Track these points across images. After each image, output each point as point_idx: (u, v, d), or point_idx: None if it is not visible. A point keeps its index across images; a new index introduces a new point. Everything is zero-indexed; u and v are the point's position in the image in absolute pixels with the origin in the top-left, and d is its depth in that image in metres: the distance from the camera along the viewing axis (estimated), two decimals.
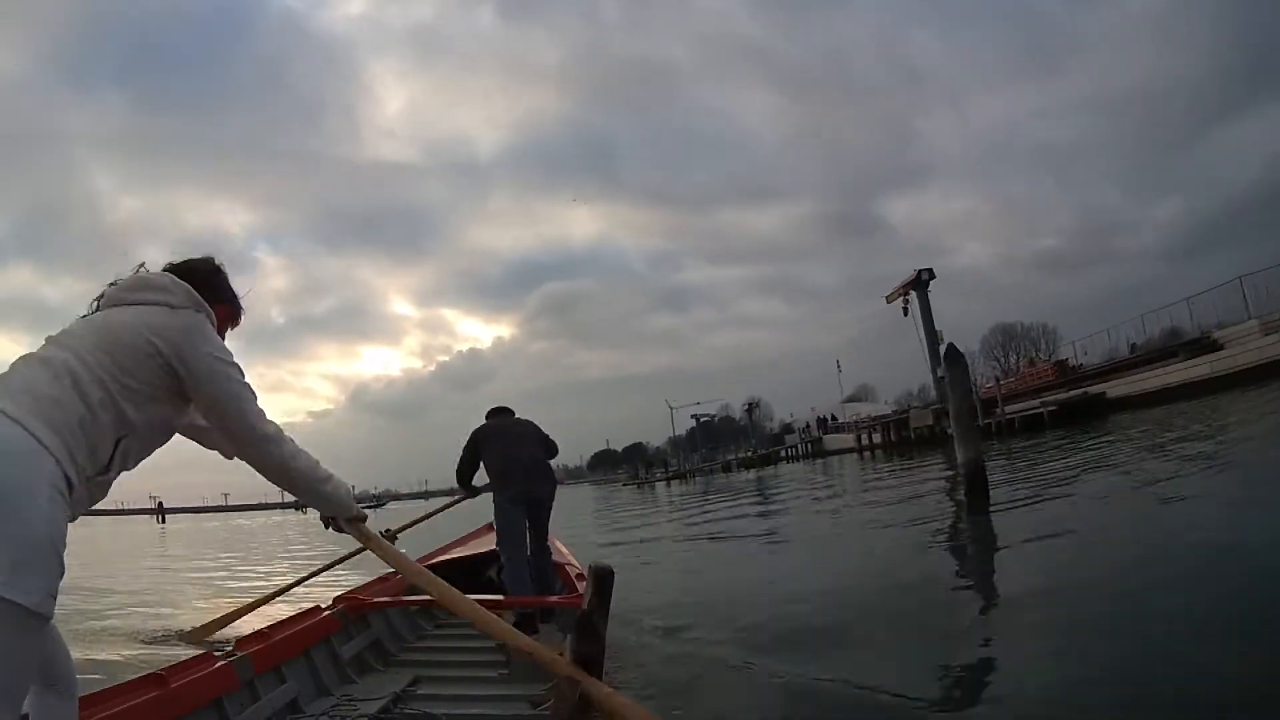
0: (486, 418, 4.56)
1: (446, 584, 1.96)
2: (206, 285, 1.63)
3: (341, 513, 1.82)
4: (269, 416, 1.61)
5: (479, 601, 4.49)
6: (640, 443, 75.03)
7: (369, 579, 4.40)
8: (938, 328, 36.67)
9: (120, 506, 49.21)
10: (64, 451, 1.26)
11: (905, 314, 37.64)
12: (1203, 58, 71.93)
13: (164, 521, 36.96)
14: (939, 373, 37.18)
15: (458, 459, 4.46)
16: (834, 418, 48.02)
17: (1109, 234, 72.29)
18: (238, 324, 1.78)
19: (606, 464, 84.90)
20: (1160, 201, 78.84)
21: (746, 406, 57.79)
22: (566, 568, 4.51)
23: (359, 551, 4.80)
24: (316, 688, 2.79)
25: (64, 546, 1.23)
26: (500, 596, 4.16)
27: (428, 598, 4.13)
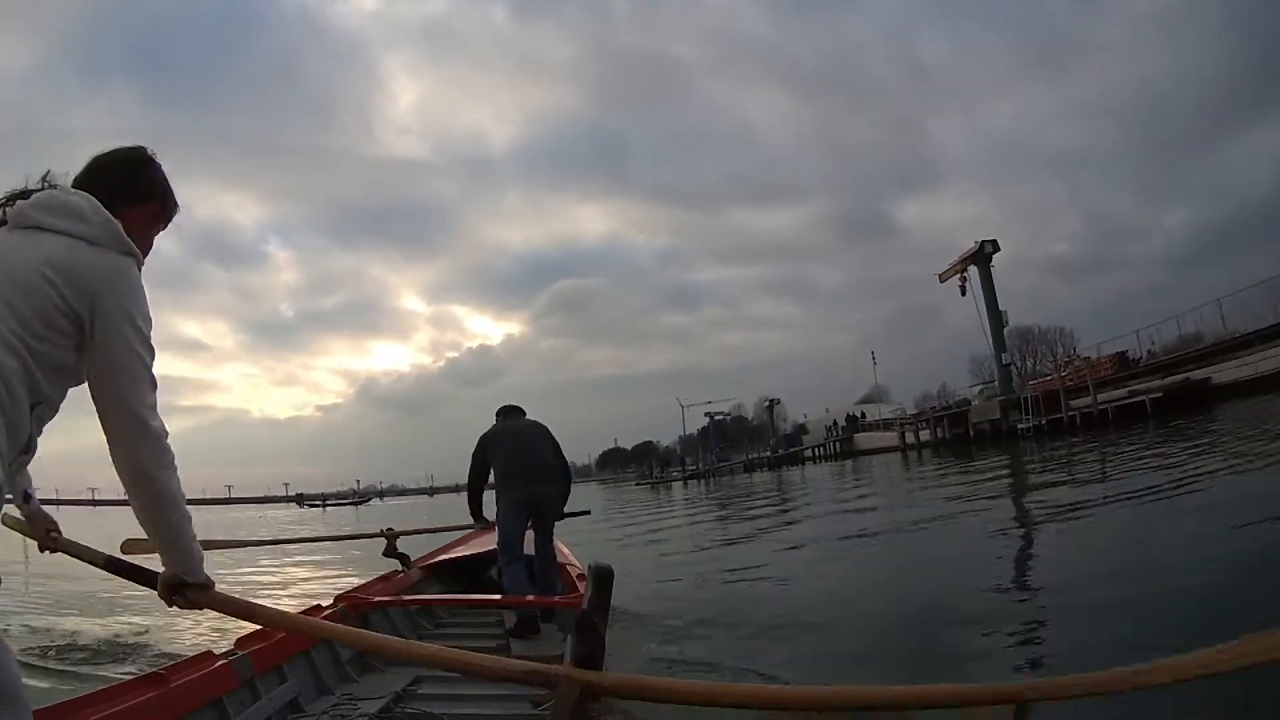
0: (497, 417, 4.52)
1: (380, 636, 1.94)
2: (131, 179, 1.40)
3: (186, 570, 1.41)
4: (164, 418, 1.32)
5: (478, 601, 4.48)
6: (650, 441, 74.54)
7: (369, 579, 4.40)
8: (1001, 308, 32.76)
9: (94, 496, 49.17)
10: None
11: (963, 293, 33.89)
12: (1213, 63, 71.54)
13: None
14: (1004, 358, 33.43)
15: (468, 468, 4.43)
16: (863, 415, 45.37)
17: (1119, 240, 72.26)
18: (166, 224, 1.50)
19: (615, 462, 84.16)
20: (1171, 208, 78.75)
21: (767, 404, 56.24)
22: (567, 568, 4.51)
23: (369, 535, 4.77)
24: (317, 687, 2.79)
25: None
26: (499, 596, 4.16)
27: (428, 598, 4.17)
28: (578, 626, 1.66)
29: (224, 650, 2.48)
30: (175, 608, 1.46)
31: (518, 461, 4.26)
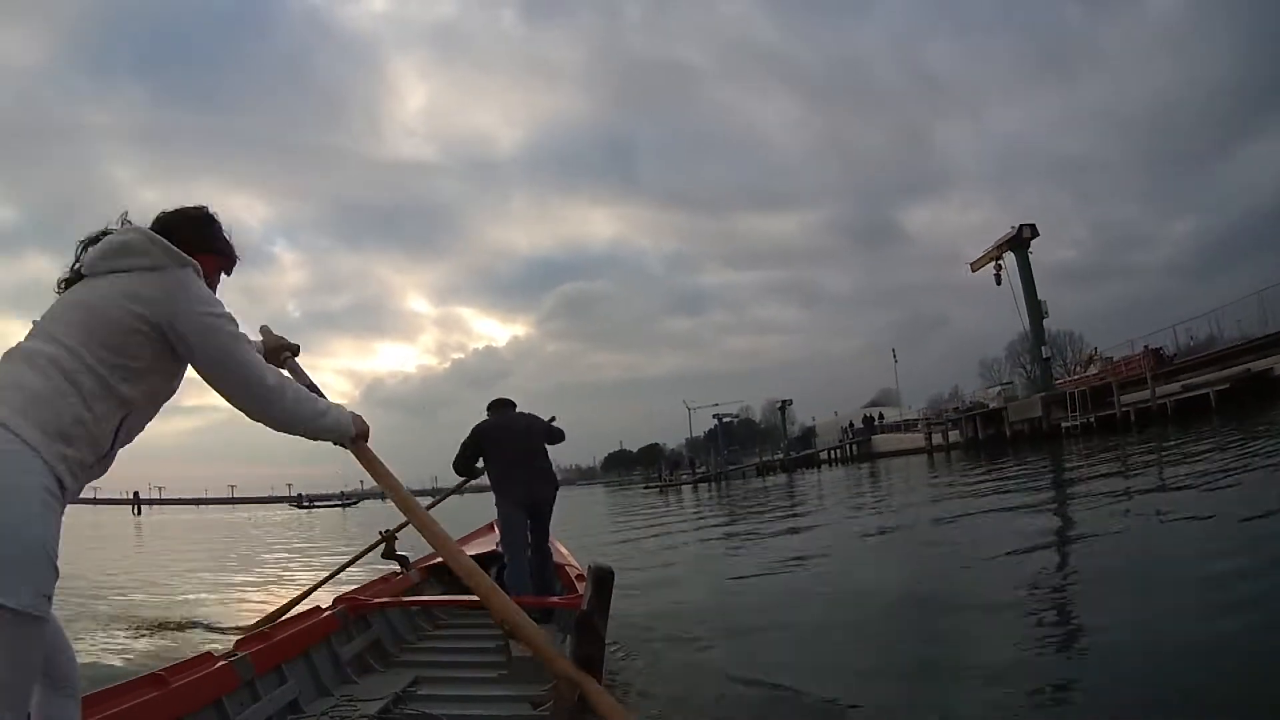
0: (488, 411, 4.53)
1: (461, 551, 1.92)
2: (196, 235, 1.56)
3: (343, 437, 1.80)
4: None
5: (478, 603, 4.52)
6: (657, 443, 73.48)
7: (370, 579, 4.40)
8: (1040, 298, 30.01)
9: (95, 495, 49.04)
10: (54, 452, 1.24)
11: (998, 282, 31.54)
12: (1222, 73, 71.41)
13: (139, 513, 36.69)
14: (1044, 351, 30.79)
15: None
16: (881, 416, 43.58)
17: (1126, 248, 71.93)
18: (230, 272, 1.70)
19: (621, 465, 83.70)
20: (1178, 217, 78.46)
21: (779, 405, 54.73)
22: (567, 568, 4.51)
23: (371, 549, 4.78)
24: (317, 688, 2.79)
25: (56, 548, 1.22)
26: None
27: (428, 598, 4.17)
28: (578, 627, 1.67)
29: (224, 651, 2.48)
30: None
31: (518, 464, 4.28)
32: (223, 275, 1.68)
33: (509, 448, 4.31)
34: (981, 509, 9.22)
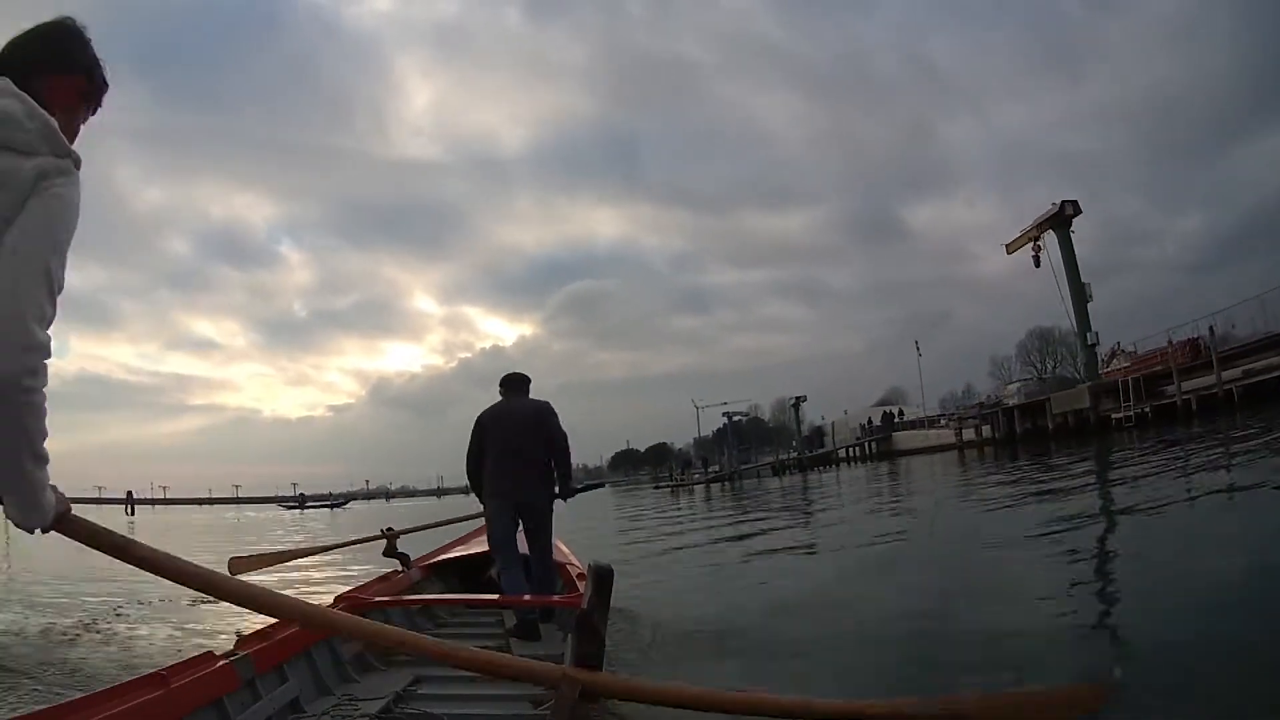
0: (500, 387, 4.34)
1: (353, 618, 1.87)
2: (54, 52, 1.28)
3: (35, 506, 1.20)
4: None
5: (478, 601, 4.47)
6: (665, 443, 72.99)
7: (370, 579, 4.40)
8: (1084, 279, 28.02)
9: (99, 494, 48.86)
10: None
11: (1037, 264, 29.53)
12: (1226, 68, 71.04)
13: (133, 513, 36.62)
14: (1089, 337, 28.48)
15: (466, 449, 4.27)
16: (901, 413, 42.34)
17: (1131, 244, 71.50)
18: (98, 103, 1.37)
19: (628, 464, 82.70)
20: (1184, 213, 78.16)
21: (792, 402, 53.06)
22: (567, 567, 4.50)
23: (371, 539, 4.71)
24: (317, 687, 2.79)
25: None
26: (500, 596, 4.16)
27: (428, 598, 4.17)
28: (578, 626, 1.67)
29: (224, 650, 2.48)
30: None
31: (505, 463, 4.08)
32: (86, 108, 1.36)
33: (502, 438, 4.10)
34: (1057, 517, 7.48)
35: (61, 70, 1.28)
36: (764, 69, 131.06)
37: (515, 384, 4.31)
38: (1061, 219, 27.56)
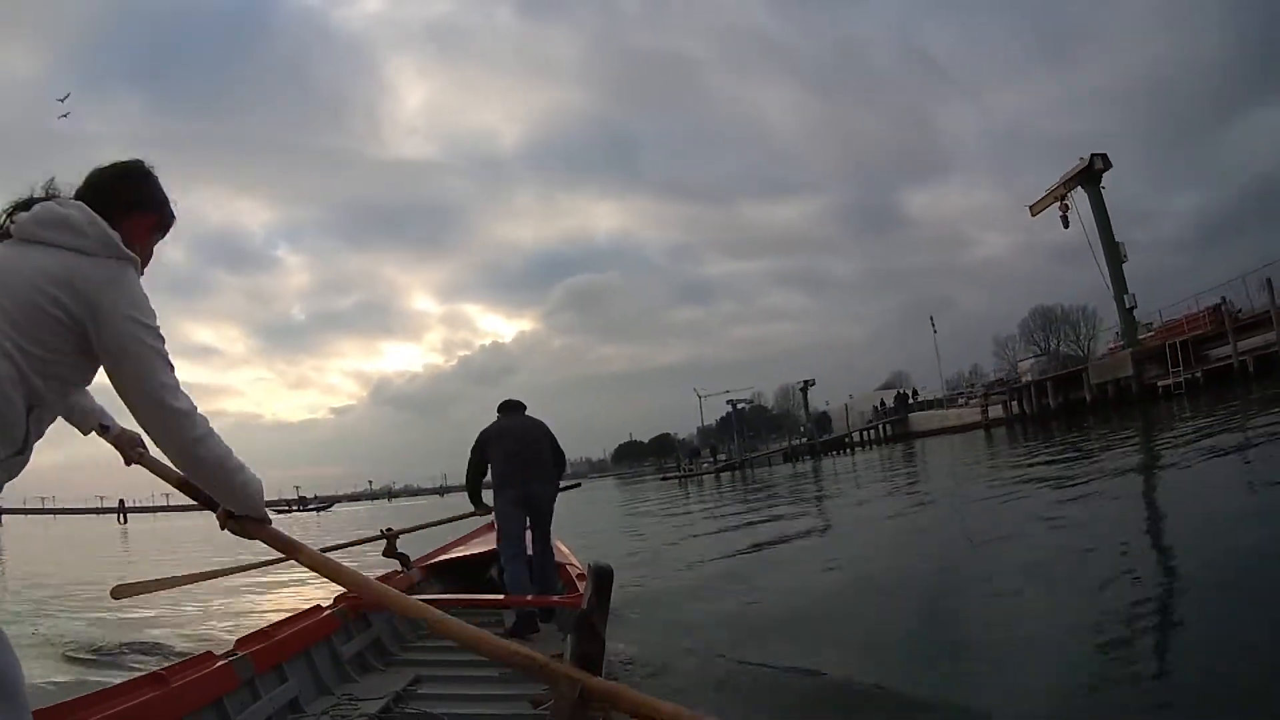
0: (498, 411, 4.54)
1: (404, 596, 1.87)
2: (130, 191, 1.46)
3: (250, 510, 1.57)
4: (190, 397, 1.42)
5: (478, 602, 4.48)
6: (668, 433, 72.81)
7: (370, 578, 4.39)
8: (1118, 239, 25.71)
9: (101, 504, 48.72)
10: None
11: (1065, 225, 27.19)
12: (1218, 45, 70.95)
13: (125, 521, 36.51)
14: (1127, 300, 25.76)
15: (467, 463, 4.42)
16: (915, 392, 41.07)
17: (1128, 224, 71.33)
18: (165, 234, 1.56)
19: (631, 456, 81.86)
20: (1180, 192, 78.06)
21: (801, 386, 51.82)
22: (567, 568, 4.51)
23: (275, 561, 4.04)
24: (317, 687, 2.79)
25: None
26: (500, 596, 4.16)
27: (428, 598, 4.16)
28: (578, 626, 1.66)
29: (224, 650, 2.48)
30: (228, 531, 1.62)
31: (516, 460, 4.28)
32: (158, 237, 1.55)
33: (509, 445, 4.32)
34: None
35: (139, 209, 1.47)
36: (760, 60, 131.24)
37: (513, 406, 4.57)
38: (1091, 173, 24.95)
